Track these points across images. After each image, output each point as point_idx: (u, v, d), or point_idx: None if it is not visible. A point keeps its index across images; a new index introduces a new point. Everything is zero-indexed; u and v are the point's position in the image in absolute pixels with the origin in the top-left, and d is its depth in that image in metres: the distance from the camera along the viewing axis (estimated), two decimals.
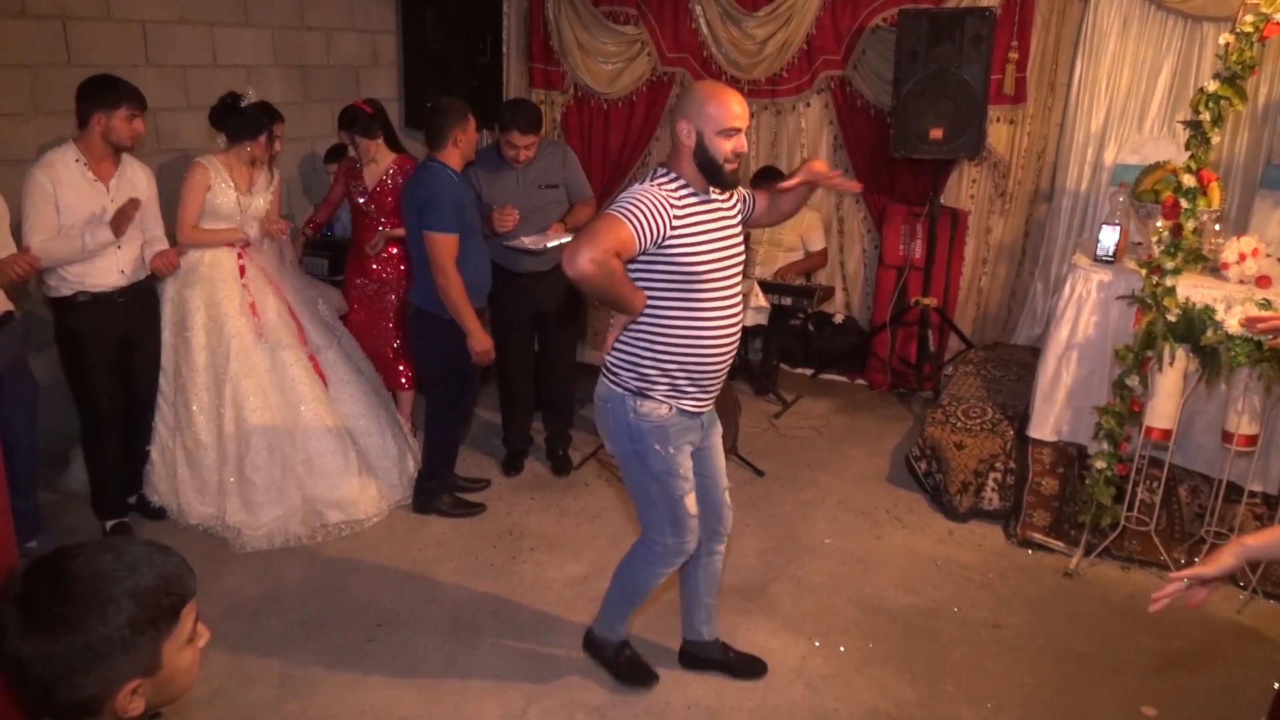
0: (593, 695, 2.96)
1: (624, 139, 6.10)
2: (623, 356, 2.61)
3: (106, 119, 3.44)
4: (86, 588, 1.20)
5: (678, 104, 2.56)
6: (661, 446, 2.62)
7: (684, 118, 2.49)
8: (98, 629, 1.19)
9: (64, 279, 3.49)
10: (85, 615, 1.19)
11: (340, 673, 3.04)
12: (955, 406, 4.44)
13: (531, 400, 4.58)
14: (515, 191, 4.09)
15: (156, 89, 4.47)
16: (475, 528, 3.98)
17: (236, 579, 3.54)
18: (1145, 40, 4.86)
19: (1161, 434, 3.57)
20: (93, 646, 1.19)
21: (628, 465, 2.72)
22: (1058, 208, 5.25)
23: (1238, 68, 3.32)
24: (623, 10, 5.88)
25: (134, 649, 1.22)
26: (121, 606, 1.21)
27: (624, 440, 2.65)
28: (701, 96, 2.49)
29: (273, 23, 5.24)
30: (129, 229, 3.53)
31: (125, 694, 1.24)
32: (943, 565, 3.75)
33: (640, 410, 2.59)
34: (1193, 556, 3.63)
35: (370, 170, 4.33)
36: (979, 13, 4.63)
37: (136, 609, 1.22)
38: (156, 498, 3.92)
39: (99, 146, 3.48)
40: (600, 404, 2.70)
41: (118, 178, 3.57)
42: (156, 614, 1.25)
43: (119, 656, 1.21)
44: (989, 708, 2.94)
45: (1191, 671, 3.13)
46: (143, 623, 1.23)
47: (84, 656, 1.19)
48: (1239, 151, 4.70)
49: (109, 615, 1.20)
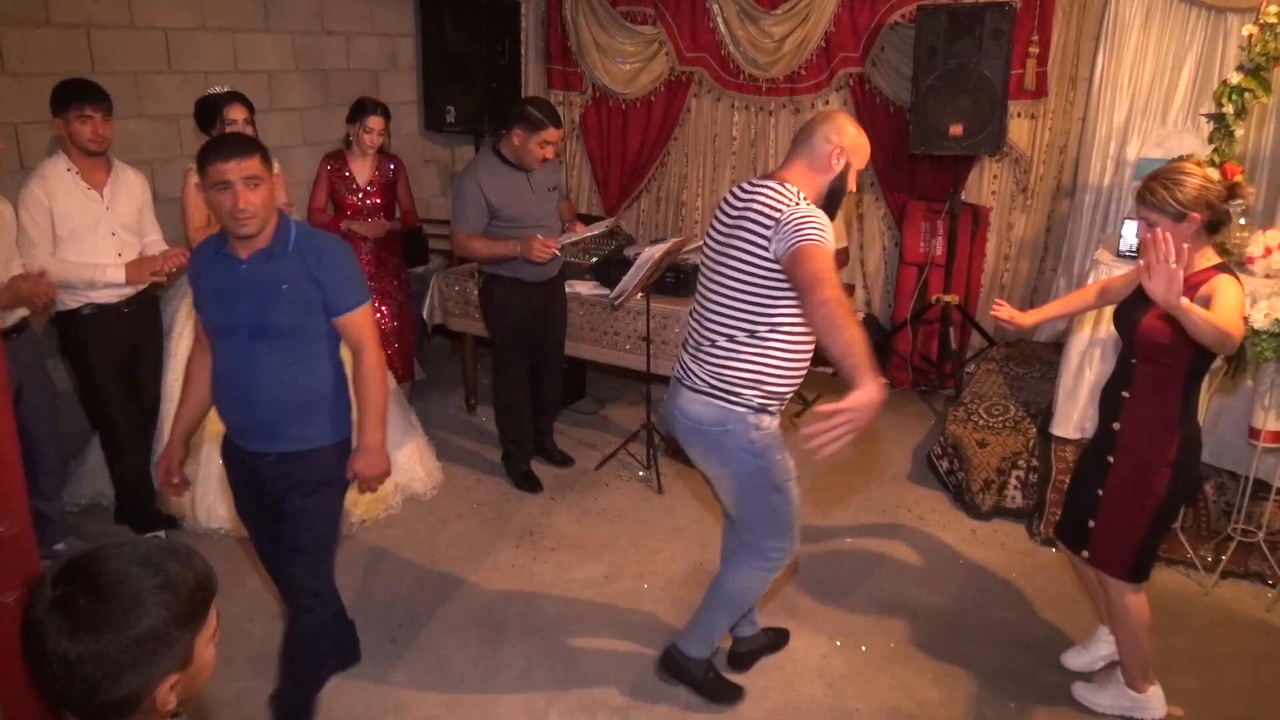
0: (613, 696, 2.97)
1: (643, 139, 6.11)
2: (745, 376, 2.53)
3: (65, 124, 3.38)
4: (127, 586, 1.23)
5: (825, 126, 2.52)
6: (781, 456, 2.65)
7: (839, 144, 2.50)
8: (145, 625, 1.22)
9: (71, 291, 3.47)
10: (132, 612, 1.22)
11: (363, 672, 3.06)
12: (977, 404, 4.41)
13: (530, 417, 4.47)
14: (531, 198, 4.02)
15: (180, 96, 4.53)
16: (497, 527, 4.00)
17: (259, 581, 3.56)
18: (1168, 33, 4.80)
19: None
20: (141, 642, 1.22)
21: (748, 483, 2.66)
22: (1080, 203, 5.20)
23: (1261, 59, 3.29)
24: (640, 10, 5.88)
25: (176, 644, 1.26)
26: (164, 602, 1.24)
27: (746, 459, 2.61)
28: (855, 131, 2.54)
29: (293, 28, 5.29)
30: (127, 236, 3.55)
31: (165, 689, 1.27)
32: (965, 564, 3.73)
33: (762, 425, 2.58)
34: (1220, 554, 3.59)
35: (362, 165, 4.47)
36: (999, 7, 4.60)
37: (178, 604, 1.25)
38: (169, 507, 3.91)
39: (78, 153, 3.43)
40: (714, 428, 2.59)
41: (111, 184, 3.55)
42: (194, 608, 1.28)
43: (164, 652, 1.24)
44: (1012, 708, 2.92)
45: (1219, 670, 3.09)
46: (184, 617, 1.26)
47: (133, 653, 1.21)
48: (1265, 144, 4.64)
49: (154, 611, 1.23)
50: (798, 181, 2.50)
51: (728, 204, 2.60)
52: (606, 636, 3.26)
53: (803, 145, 2.54)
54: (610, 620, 3.36)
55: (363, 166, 4.52)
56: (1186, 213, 2.38)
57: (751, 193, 2.52)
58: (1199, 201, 2.38)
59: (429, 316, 5.19)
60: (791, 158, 2.56)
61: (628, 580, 3.62)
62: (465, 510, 4.15)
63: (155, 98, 4.65)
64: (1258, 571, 3.57)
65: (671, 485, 4.37)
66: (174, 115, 4.65)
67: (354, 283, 2.53)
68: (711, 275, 2.58)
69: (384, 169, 4.58)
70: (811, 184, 2.51)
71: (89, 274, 3.44)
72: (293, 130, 5.38)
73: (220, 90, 3.91)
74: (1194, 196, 2.38)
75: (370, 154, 4.51)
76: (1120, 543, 2.65)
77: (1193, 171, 2.42)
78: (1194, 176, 2.40)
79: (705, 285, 2.62)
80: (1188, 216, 2.38)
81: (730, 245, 2.51)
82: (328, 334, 2.52)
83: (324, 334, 2.51)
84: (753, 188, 2.53)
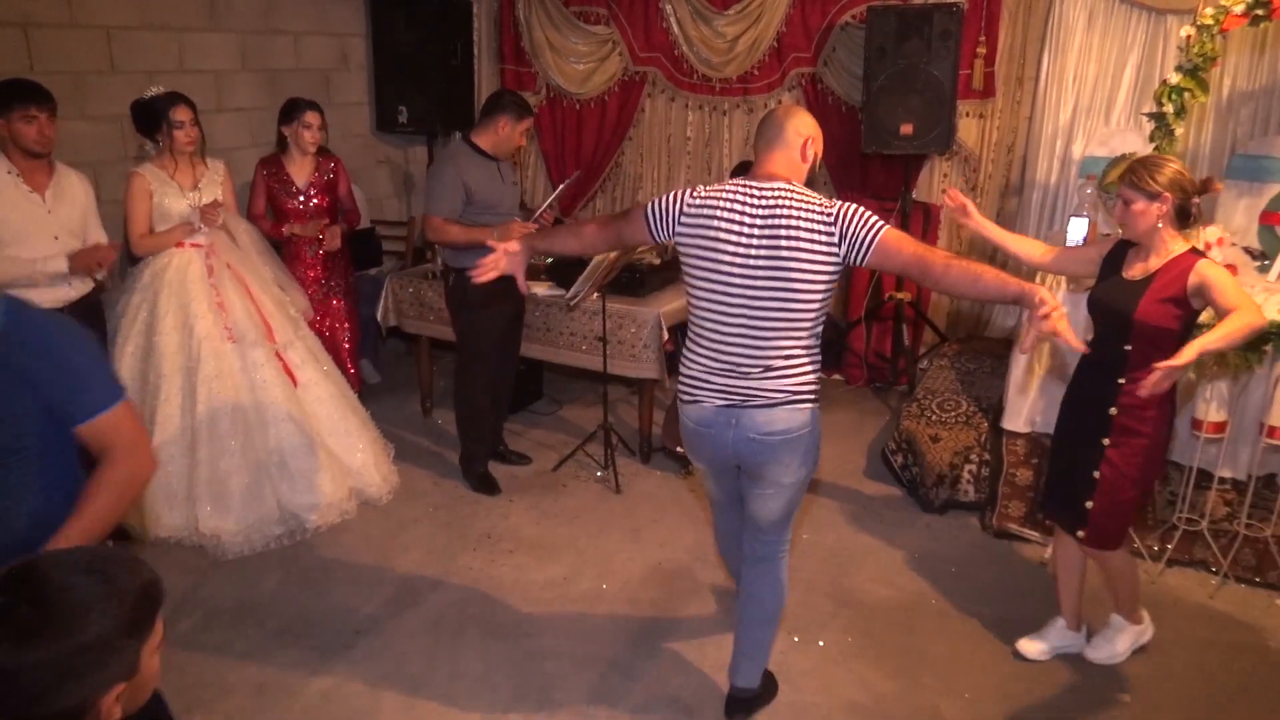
0: (574, 698, 2.96)
1: (597, 139, 6.11)
2: (813, 373, 2.52)
3: (7, 125, 3.30)
4: (72, 595, 1.21)
5: (793, 120, 2.48)
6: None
7: (808, 136, 2.48)
8: (91, 633, 1.20)
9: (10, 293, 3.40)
10: (77, 620, 1.19)
11: (320, 680, 3.02)
12: (930, 400, 4.47)
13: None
14: (503, 186, 4.08)
15: (123, 96, 4.41)
16: (455, 531, 3.97)
17: (213, 588, 3.51)
18: (1110, 34, 4.91)
19: None
20: (87, 651, 1.19)
21: (804, 479, 2.63)
22: (1028, 201, 5.30)
23: (1199, 60, 3.37)
24: (593, 10, 5.88)
25: (124, 653, 1.23)
26: (110, 610, 1.21)
27: (813, 455, 2.61)
28: (814, 121, 2.53)
29: (240, 27, 5.21)
30: (71, 240, 3.47)
31: (110, 700, 1.24)
32: (920, 558, 3.78)
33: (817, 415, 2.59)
34: (1165, 544, 3.68)
35: (300, 166, 4.42)
36: (946, 8, 4.67)
37: (125, 612, 1.23)
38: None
39: (19, 155, 3.35)
40: (803, 431, 2.52)
41: (54, 187, 3.47)
42: (141, 616, 1.26)
43: (112, 660, 1.22)
44: (967, 698, 2.97)
45: (1166, 657, 3.17)
46: (131, 625, 1.24)
47: (78, 662, 1.19)
48: (1204, 142, 4.77)
49: (99, 619, 1.20)
50: (799, 178, 2.47)
51: (744, 218, 2.39)
52: (566, 638, 3.25)
53: (777, 141, 2.47)
54: (570, 622, 3.35)
55: (301, 168, 4.44)
56: (1161, 193, 2.64)
57: (773, 201, 2.38)
58: (1174, 185, 2.65)
59: (383, 319, 5.14)
60: (771, 155, 2.47)
61: (587, 581, 3.61)
62: (422, 514, 4.12)
63: (97, 98, 4.54)
64: (1202, 559, 3.67)
65: (629, 485, 4.38)
66: (117, 116, 4.55)
67: (94, 376, 1.85)
68: (760, 294, 2.40)
69: (324, 169, 4.50)
70: (798, 178, 2.48)
71: (27, 270, 3.34)
72: (240, 131, 5.29)
73: (157, 92, 3.84)
74: (1169, 180, 2.65)
75: (311, 153, 4.43)
76: (1116, 520, 2.86)
77: (1172, 161, 2.72)
78: (1172, 164, 2.70)
79: (754, 306, 2.41)
80: (1161, 196, 2.64)
81: (781, 259, 2.36)
82: (58, 450, 1.84)
83: (53, 450, 1.83)
84: (773, 194, 2.39)
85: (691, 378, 2.57)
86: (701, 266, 2.46)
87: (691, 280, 2.51)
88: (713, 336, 2.50)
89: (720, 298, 2.45)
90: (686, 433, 2.66)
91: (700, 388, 2.55)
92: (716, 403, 2.53)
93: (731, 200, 2.42)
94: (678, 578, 3.64)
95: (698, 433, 2.61)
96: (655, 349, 4.38)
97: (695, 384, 2.56)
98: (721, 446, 2.58)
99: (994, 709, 2.92)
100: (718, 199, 2.43)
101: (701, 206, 2.45)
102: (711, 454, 2.64)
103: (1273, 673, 3.10)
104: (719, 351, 2.49)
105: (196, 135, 3.89)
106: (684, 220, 2.47)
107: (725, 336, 2.47)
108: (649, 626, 3.31)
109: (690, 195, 2.49)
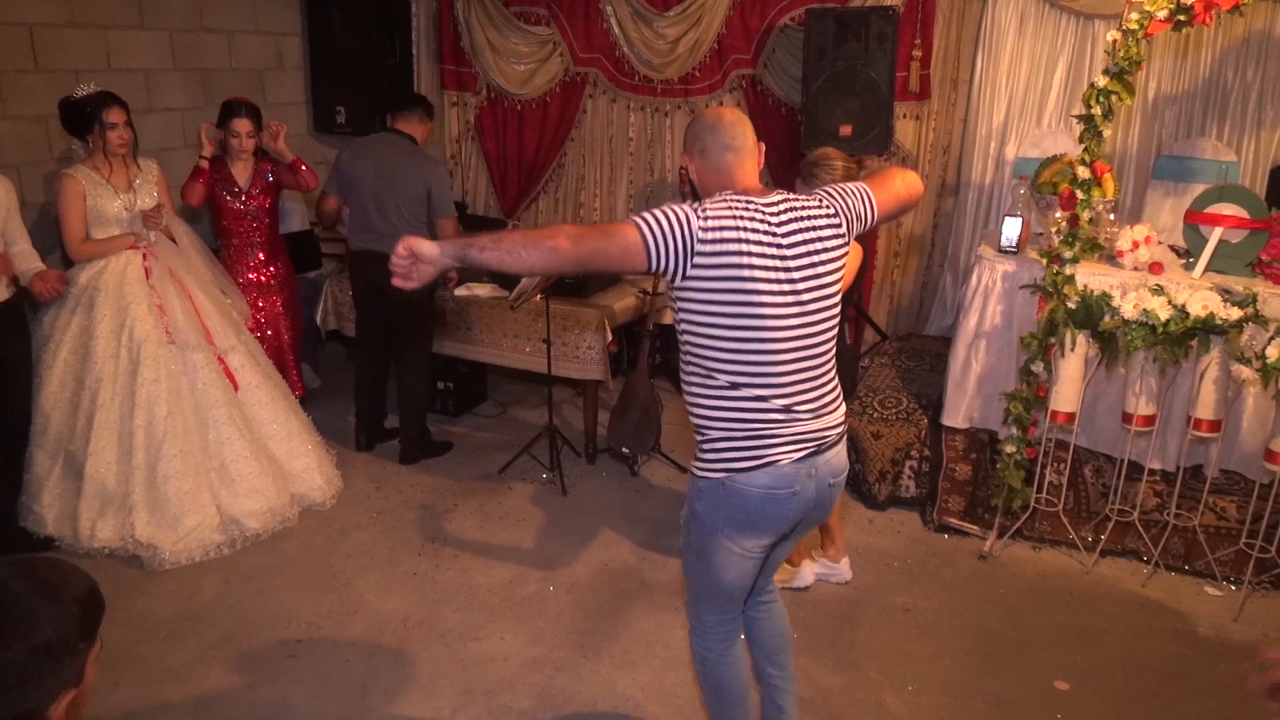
0: (520, 702, 2.94)
1: (539, 140, 6.08)
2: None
3: None
4: (25, 597, 1.18)
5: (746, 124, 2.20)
6: None
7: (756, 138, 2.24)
8: (44, 635, 1.17)
9: None
10: (26, 622, 1.17)
11: (260, 692, 2.96)
12: (872, 397, 4.53)
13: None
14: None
15: (47, 96, 4.28)
16: (398, 536, 3.92)
17: (149, 599, 3.42)
18: (1041, 37, 5.02)
19: (1066, 417, 3.71)
20: (47, 651, 1.17)
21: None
22: (964, 201, 5.40)
23: (1125, 64, 3.46)
24: (534, 10, 5.85)
25: (78, 656, 1.21)
26: (59, 614, 1.19)
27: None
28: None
29: (170, 25, 5.08)
30: None
31: (63, 705, 1.22)
32: (863, 553, 3.83)
33: None
34: (1099, 534, 3.77)
35: (242, 167, 4.34)
36: (882, 11, 4.73)
37: (80, 614, 1.22)
38: (44, 527, 3.68)
39: None
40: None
41: None
42: (91, 623, 1.25)
43: (67, 662, 1.20)
44: (910, 690, 3.01)
45: (1101, 645, 3.25)
46: (84, 630, 1.23)
47: (35, 663, 1.17)
48: (1132, 144, 4.90)
49: (50, 622, 1.18)
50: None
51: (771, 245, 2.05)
52: (513, 642, 3.23)
53: (753, 150, 2.20)
54: (516, 625, 3.33)
55: (243, 169, 4.36)
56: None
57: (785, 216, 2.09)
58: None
59: (322, 322, 5.06)
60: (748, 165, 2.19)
61: (532, 584, 3.59)
62: (365, 519, 4.06)
63: (20, 98, 4.39)
64: (1134, 549, 3.77)
65: (575, 487, 4.36)
66: (41, 116, 4.40)
67: None
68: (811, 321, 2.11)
69: (262, 171, 4.41)
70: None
71: None
72: (172, 132, 5.16)
73: (86, 91, 3.73)
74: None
75: (244, 158, 4.34)
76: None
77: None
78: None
79: (806, 335, 2.11)
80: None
81: (820, 275, 2.11)
82: None
83: None
84: (780, 208, 2.10)
85: (748, 438, 2.11)
86: (732, 304, 2.04)
87: (710, 323, 2.07)
88: (763, 382, 2.09)
89: (765, 336, 2.06)
90: (751, 508, 2.14)
91: (768, 446, 2.11)
92: (793, 457, 2.12)
93: (751, 226, 2.04)
94: (624, 578, 3.64)
95: (773, 499, 2.14)
96: (599, 350, 4.38)
97: (756, 444, 2.11)
98: (803, 506, 2.19)
99: (938, 699, 2.98)
100: (734, 226, 2.02)
101: (719, 238, 2.01)
102: (784, 520, 2.20)
103: (1201, 657, 3.20)
104: (777, 397, 2.10)
105: (129, 136, 3.80)
106: (700, 251, 2.00)
107: (780, 378, 2.09)
108: (596, 628, 3.30)
109: (700, 219, 2.01)
